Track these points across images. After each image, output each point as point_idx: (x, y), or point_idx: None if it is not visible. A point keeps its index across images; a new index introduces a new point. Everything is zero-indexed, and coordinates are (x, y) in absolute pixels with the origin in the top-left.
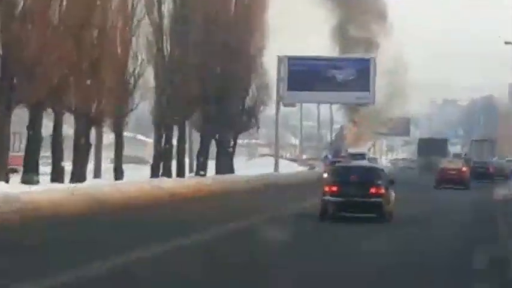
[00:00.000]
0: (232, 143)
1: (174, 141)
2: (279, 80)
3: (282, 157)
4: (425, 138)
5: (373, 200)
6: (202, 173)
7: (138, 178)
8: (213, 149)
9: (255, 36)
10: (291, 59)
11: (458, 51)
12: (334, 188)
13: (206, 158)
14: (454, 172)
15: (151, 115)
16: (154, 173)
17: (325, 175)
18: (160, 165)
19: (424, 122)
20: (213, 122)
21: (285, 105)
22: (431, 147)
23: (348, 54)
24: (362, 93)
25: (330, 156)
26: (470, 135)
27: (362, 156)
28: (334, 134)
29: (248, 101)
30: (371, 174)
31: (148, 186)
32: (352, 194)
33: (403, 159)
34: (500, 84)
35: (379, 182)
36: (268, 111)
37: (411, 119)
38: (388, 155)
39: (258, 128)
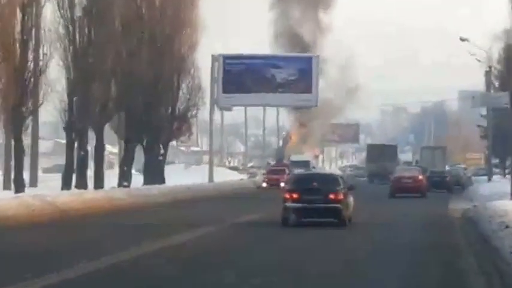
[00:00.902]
0: (162, 150)
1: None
2: (213, 81)
3: (224, 165)
4: (375, 145)
5: (332, 205)
6: (125, 183)
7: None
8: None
9: (185, 32)
10: (226, 57)
11: (409, 56)
12: (295, 195)
13: (130, 167)
14: (410, 180)
15: (62, 119)
16: (66, 184)
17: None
18: (73, 175)
19: (375, 129)
20: (139, 127)
21: (220, 109)
22: (381, 153)
23: (290, 52)
24: (304, 95)
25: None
26: (421, 143)
27: (306, 163)
28: (281, 141)
29: (179, 105)
30: (330, 181)
31: (38, 201)
32: (312, 200)
33: (351, 166)
34: (450, 89)
35: (338, 188)
36: (215, 117)
37: (362, 127)
38: (338, 162)
39: (191, 134)
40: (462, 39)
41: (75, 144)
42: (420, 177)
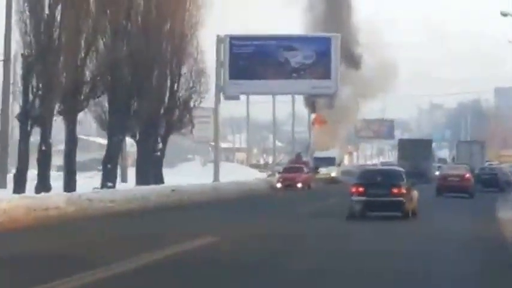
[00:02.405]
0: (160, 144)
1: None
2: (218, 65)
3: (250, 163)
4: (407, 140)
5: (395, 199)
6: (110, 184)
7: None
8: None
9: (187, 9)
10: (233, 38)
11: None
12: (361, 189)
13: (115, 165)
14: (457, 179)
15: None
16: (18, 186)
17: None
18: (26, 174)
19: (412, 126)
20: (126, 117)
21: (226, 98)
22: (414, 149)
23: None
24: (322, 81)
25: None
26: (458, 139)
27: (330, 160)
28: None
29: (180, 92)
30: (394, 176)
31: None
32: (377, 194)
33: (382, 163)
34: (487, 82)
35: (401, 182)
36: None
37: (398, 123)
38: (374, 160)
39: (193, 126)
40: (504, 14)
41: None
42: (467, 175)
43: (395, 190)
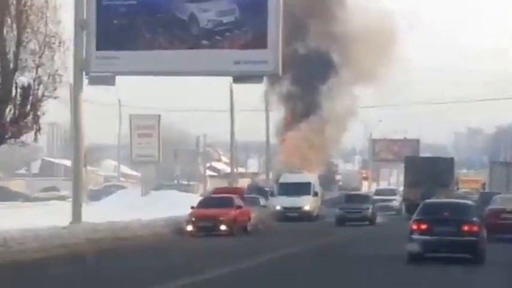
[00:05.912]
0: None
1: None
2: (78, 27)
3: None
4: (417, 157)
5: (466, 238)
6: None
7: None
8: None
9: None
10: None
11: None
12: (423, 226)
13: None
14: None
15: None
16: None
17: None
18: None
19: (449, 150)
20: None
21: (92, 82)
22: (428, 171)
23: None
24: (252, 51)
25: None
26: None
27: (303, 187)
28: None
29: (19, 73)
30: (464, 210)
31: None
32: (444, 232)
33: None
34: None
35: (473, 218)
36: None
37: (435, 148)
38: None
39: (39, 129)
40: None
41: None
42: None
43: (466, 227)
